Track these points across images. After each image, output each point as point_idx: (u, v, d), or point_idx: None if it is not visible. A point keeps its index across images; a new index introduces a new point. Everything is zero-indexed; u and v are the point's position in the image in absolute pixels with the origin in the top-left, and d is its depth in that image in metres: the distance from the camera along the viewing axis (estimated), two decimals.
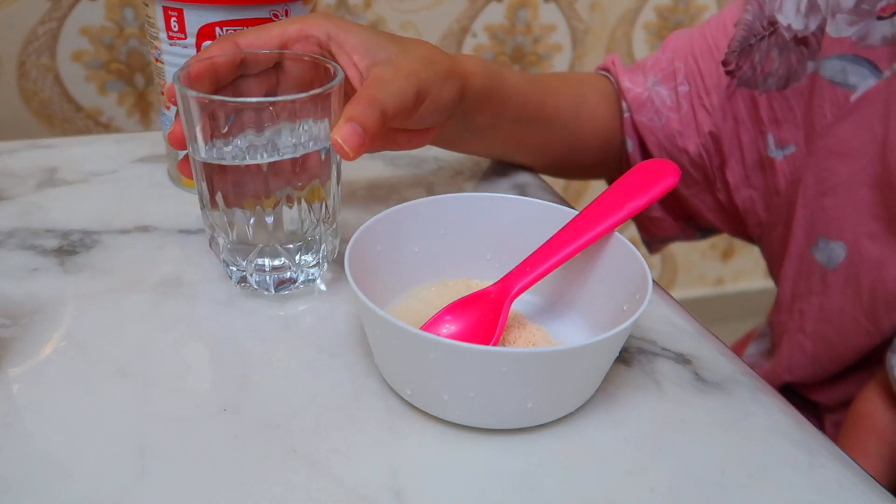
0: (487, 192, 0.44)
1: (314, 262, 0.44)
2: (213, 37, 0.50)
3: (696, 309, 0.49)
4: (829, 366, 0.55)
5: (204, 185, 0.41)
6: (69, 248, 0.48)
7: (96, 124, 1.12)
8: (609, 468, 0.33)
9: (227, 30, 0.50)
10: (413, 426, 0.35)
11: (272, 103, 0.39)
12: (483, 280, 0.44)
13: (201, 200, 0.42)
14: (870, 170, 0.50)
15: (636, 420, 0.36)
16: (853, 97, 0.50)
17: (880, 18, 0.49)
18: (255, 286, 0.43)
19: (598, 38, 1.33)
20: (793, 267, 0.56)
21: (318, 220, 0.42)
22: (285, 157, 0.41)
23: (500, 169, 0.64)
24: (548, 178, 0.66)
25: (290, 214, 0.41)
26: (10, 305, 0.42)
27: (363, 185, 0.60)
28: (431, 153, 0.66)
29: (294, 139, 0.41)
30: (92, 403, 0.36)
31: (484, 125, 0.52)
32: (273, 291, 0.44)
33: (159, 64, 0.52)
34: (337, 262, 0.48)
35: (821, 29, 0.52)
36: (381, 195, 0.58)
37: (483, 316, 0.40)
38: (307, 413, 0.36)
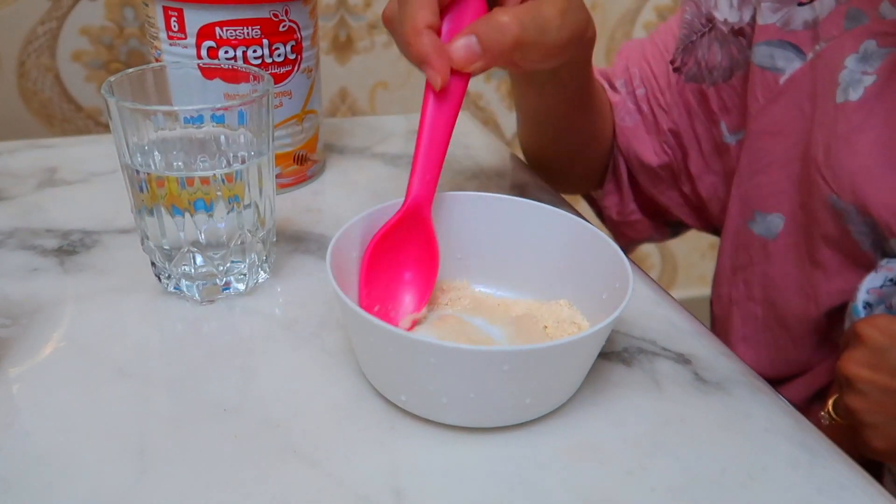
0: (454, 192, 0.44)
1: (244, 270, 0.44)
2: (213, 37, 0.50)
3: (696, 309, 0.50)
4: (778, 333, 0.56)
5: (128, 186, 0.42)
6: (69, 248, 0.48)
7: (96, 124, 1.12)
8: (609, 468, 0.33)
9: (227, 30, 0.50)
10: (413, 426, 0.35)
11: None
12: (455, 279, 0.44)
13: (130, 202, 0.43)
14: (800, 146, 0.53)
15: (636, 420, 0.36)
16: (782, 80, 0.53)
17: (801, 5, 0.52)
18: (185, 291, 0.43)
19: (599, 38, 1.32)
20: (730, 242, 0.59)
21: (243, 227, 0.42)
22: (206, 170, 0.41)
23: (500, 169, 0.64)
24: None
25: (212, 220, 0.41)
26: (10, 305, 0.42)
27: (363, 184, 0.60)
28: None
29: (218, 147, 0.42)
30: (92, 403, 0.36)
31: (563, 86, 0.54)
32: (199, 298, 0.43)
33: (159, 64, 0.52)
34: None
35: (753, 19, 0.55)
36: (380, 195, 0.58)
37: (415, 240, 0.40)
38: (307, 413, 0.36)
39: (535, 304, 0.43)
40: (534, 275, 0.43)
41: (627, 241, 0.72)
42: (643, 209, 0.68)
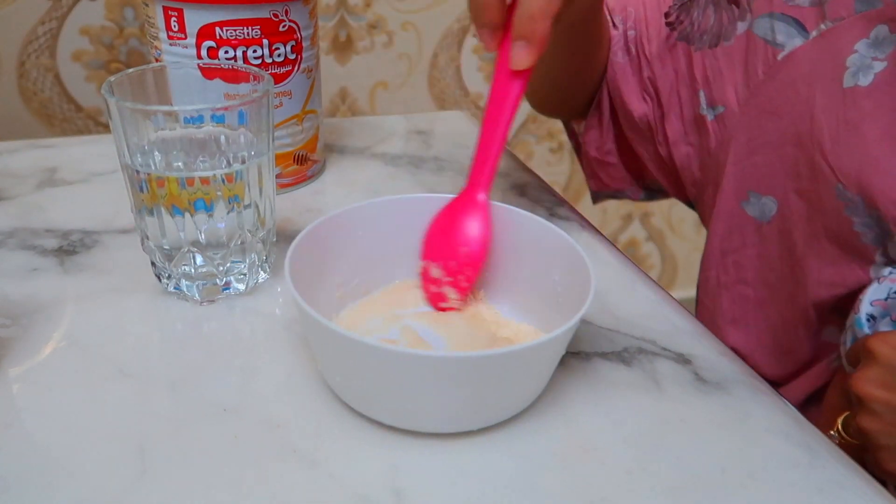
0: (428, 194, 0.44)
1: (244, 270, 0.44)
2: (213, 37, 0.50)
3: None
4: (771, 314, 0.55)
5: (128, 186, 0.41)
6: (69, 248, 0.48)
7: (96, 124, 1.12)
8: (609, 468, 0.33)
9: (227, 30, 0.50)
10: None
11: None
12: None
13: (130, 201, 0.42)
14: (793, 129, 0.51)
15: (636, 420, 0.36)
16: (780, 56, 0.52)
17: None
18: (185, 291, 0.43)
19: None
20: (722, 222, 0.57)
21: (243, 227, 0.42)
22: (206, 170, 0.41)
23: (500, 169, 0.64)
24: (548, 178, 0.66)
25: (212, 220, 0.41)
26: (10, 305, 0.42)
27: (363, 184, 0.60)
28: (431, 153, 0.66)
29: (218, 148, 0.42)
30: (92, 403, 0.36)
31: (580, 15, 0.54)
32: (199, 298, 0.43)
33: (159, 64, 0.52)
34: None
35: None
36: (380, 195, 0.58)
37: (467, 221, 0.42)
38: (307, 413, 0.36)
39: (501, 319, 0.42)
40: (506, 285, 0.43)
41: (601, 186, 0.70)
42: (621, 154, 0.67)
